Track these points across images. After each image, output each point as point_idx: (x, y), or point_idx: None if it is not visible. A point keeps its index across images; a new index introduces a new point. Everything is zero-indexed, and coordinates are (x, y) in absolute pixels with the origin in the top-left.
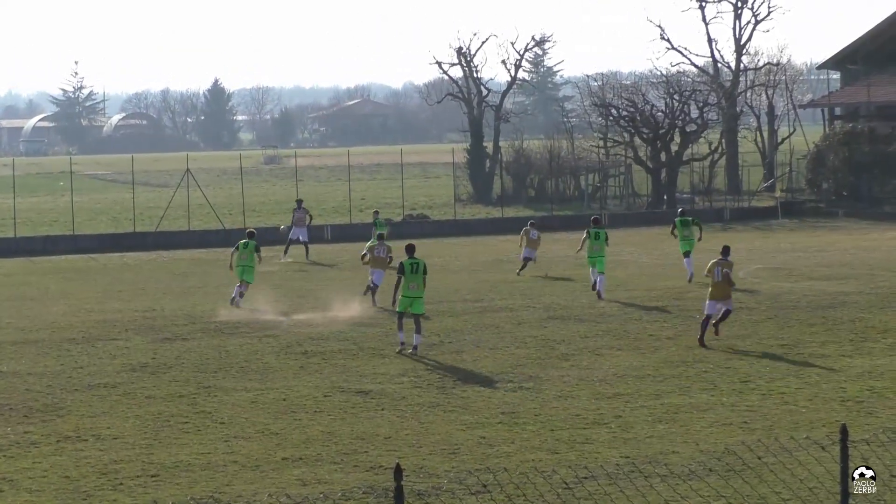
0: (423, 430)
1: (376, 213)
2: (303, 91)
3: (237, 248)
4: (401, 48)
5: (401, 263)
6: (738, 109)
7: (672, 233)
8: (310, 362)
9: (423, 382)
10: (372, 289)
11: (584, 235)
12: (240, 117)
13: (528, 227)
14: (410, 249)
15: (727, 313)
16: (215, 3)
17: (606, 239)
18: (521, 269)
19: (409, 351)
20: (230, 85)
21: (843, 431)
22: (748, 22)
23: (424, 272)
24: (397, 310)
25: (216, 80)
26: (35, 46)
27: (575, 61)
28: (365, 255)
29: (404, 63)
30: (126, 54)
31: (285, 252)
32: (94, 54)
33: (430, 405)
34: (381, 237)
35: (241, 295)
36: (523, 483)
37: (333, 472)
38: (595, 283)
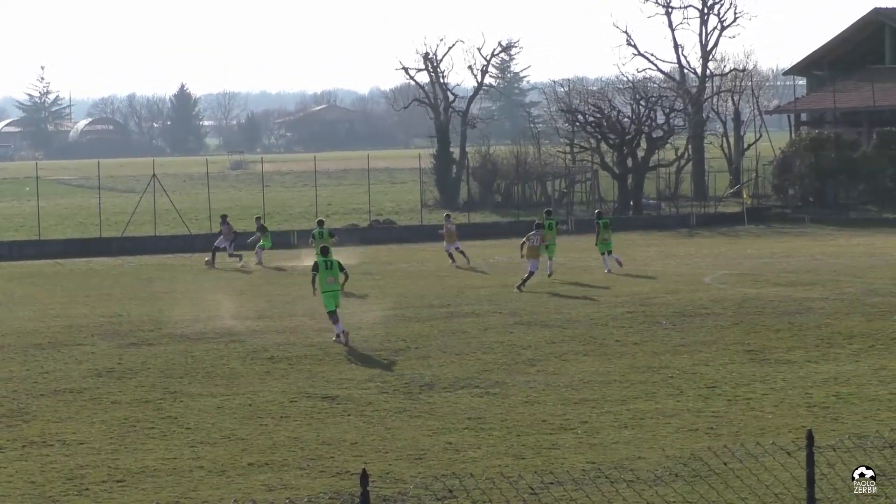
0: (389, 436)
1: (320, 222)
2: (269, 96)
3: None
4: (367, 54)
5: (315, 262)
6: (704, 115)
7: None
8: (276, 367)
9: (390, 388)
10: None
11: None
12: (206, 122)
13: (535, 233)
14: (325, 251)
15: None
16: (182, 9)
17: (556, 227)
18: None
19: (334, 339)
20: (196, 90)
21: (809, 437)
22: (714, 28)
23: (340, 269)
24: (328, 309)
25: (182, 86)
26: (0, 51)
27: (541, 67)
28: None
29: (371, 68)
30: (92, 59)
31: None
32: (61, 59)
33: (397, 411)
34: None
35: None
36: (489, 488)
37: (299, 478)
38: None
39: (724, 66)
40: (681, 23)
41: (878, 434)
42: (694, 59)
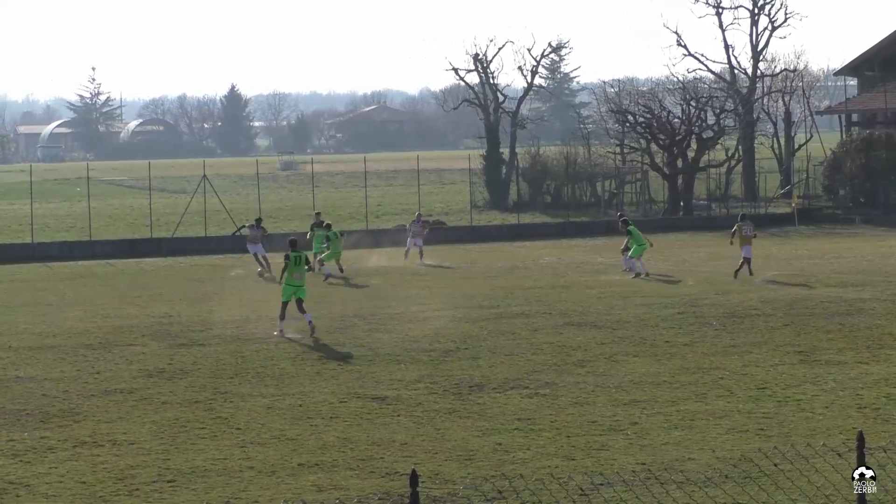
0: (438, 437)
1: (328, 225)
2: (319, 97)
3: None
4: (417, 54)
5: (286, 255)
6: (754, 116)
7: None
8: (325, 368)
9: (439, 388)
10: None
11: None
12: (256, 123)
13: (741, 223)
14: (293, 244)
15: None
16: (232, 9)
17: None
18: (738, 270)
19: (311, 334)
20: (247, 91)
21: (860, 438)
22: (765, 28)
23: (306, 263)
24: (283, 299)
25: (233, 86)
26: (52, 52)
27: (591, 68)
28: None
29: (420, 69)
30: (143, 60)
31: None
32: (112, 60)
33: (446, 411)
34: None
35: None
36: (539, 489)
37: (349, 478)
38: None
39: (775, 67)
40: (731, 23)
41: None
42: (744, 59)
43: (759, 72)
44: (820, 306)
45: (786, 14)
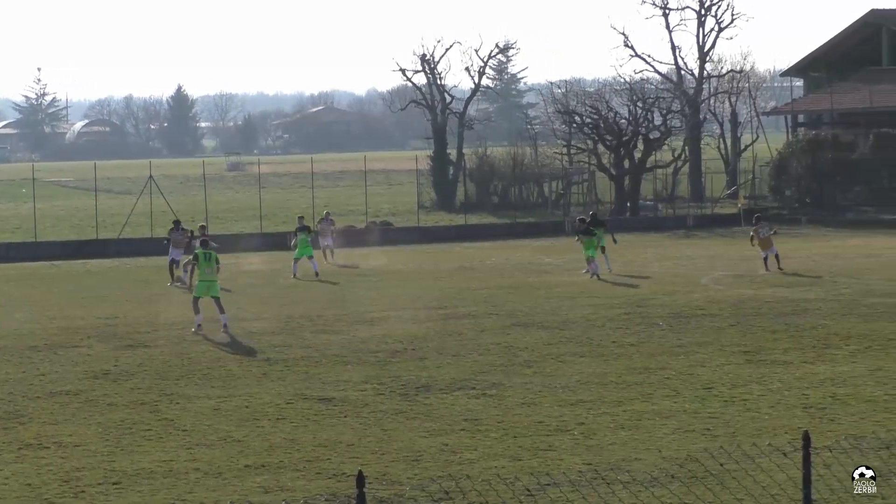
0: (385, 438)
1: (305, 225)
2: (266, 98)
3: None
4: (364, 55)
5: (195, 254)
6: (701, 117)
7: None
8: (272, 369)
9: (386, 389)
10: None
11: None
12: (203, 124)
13: (758, 226)
14: (205, 243)
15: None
16: (179, 10)
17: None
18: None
19: (223, 330)
20: (194, 92)
21: (806, 438)
22: (711, 29)
23: (217, 261)
24: (195, 294)
25: (180, 87)
26: None
27: (539, 69)
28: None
29: (368, 70)
30: (89, 61)
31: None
32: (57, 61)
33: (393, 412)
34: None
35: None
36: (486, 490)
37: (296, 480)
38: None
39: (722, 68)
40: (678, 24)
41: (874, 435)
42: (691, 60)
43: (705, 73)
44: (766, 306)
45: (732, 15)
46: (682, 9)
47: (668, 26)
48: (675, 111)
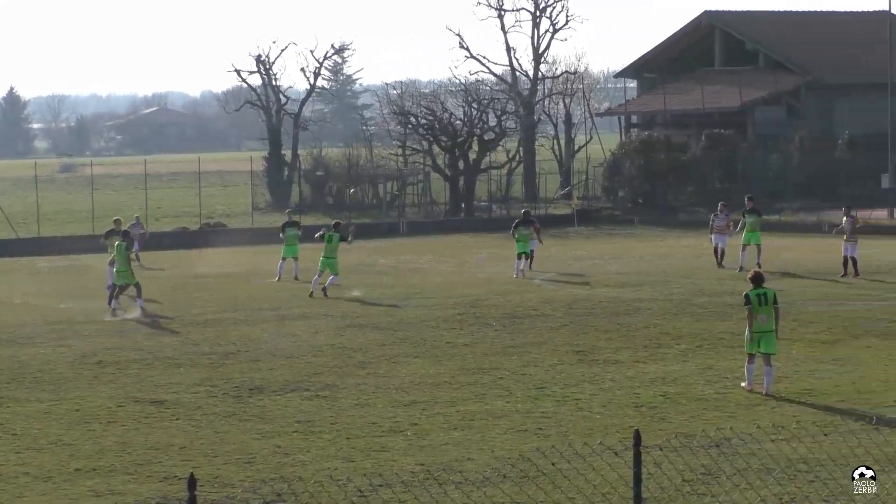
0: (217, 440)
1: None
2: (99, 99)
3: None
4: (198, 56)
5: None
6: (535, 118)
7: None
8: (104, 372)
9: (219, 392)
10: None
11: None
12: (35, 125)
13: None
14: (125, 235)
15: None
16: (10, 10)
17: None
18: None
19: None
20: (25, 93)
21: (637, 437)
22: (546, 31)
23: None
24: (113, 281)
25: (11, 88)
26: None
27: (375, 70)
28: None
29: (202, 71)
30: None
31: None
32: None
33: (226, 414)
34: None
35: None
36: (318, 492)
37: (127, 483)
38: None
39: (556, 69)
40: (513, 25)
41: (704, 433)
42: (526, 61)
43: (540, 74)
44: (598, 306)
45: (567, 17)
46: (517, 10)
47: (503, 28)
48: (509, 112)
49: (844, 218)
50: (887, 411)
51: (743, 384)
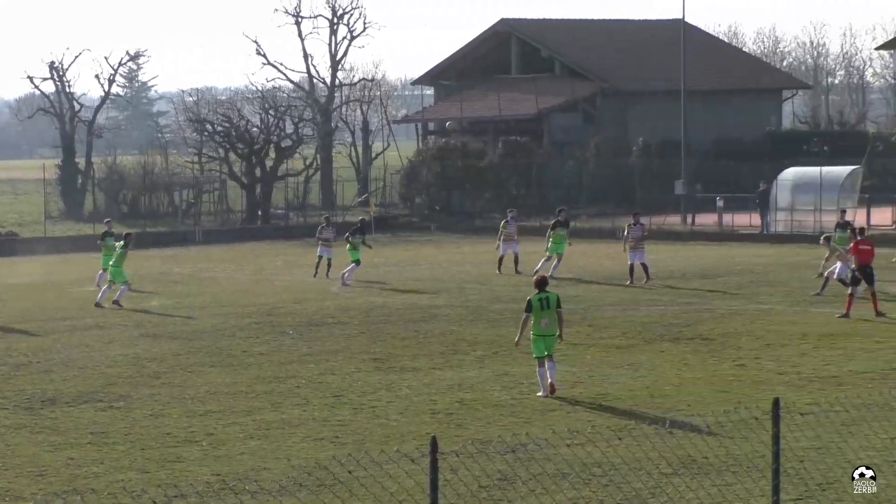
0: (9, 453)
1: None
2: None
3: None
4: None
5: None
6: (333, 125)
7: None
8: None
9: (10, 404)
10: None
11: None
12: None
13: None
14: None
15: None
16: None
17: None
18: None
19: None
20: None
21: (433, 444)
22: (344, 38)
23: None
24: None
25: None
26: None
27: (171, 76)
28: None
29: None
30: None
31: None
32: None
33: (17, 427)
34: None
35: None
36: None
37: None
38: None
39: (354, 76)
40: (311, 32)
41: (500, 439)
42: (324, 68)
43: (337, 81)
44: (396, 313)
45: (364, 24)
46: (315, 17)
47: (300, 34)
48: (306, 119)
49: (631, 225)
50: (680, 415)
51: (539, 394)
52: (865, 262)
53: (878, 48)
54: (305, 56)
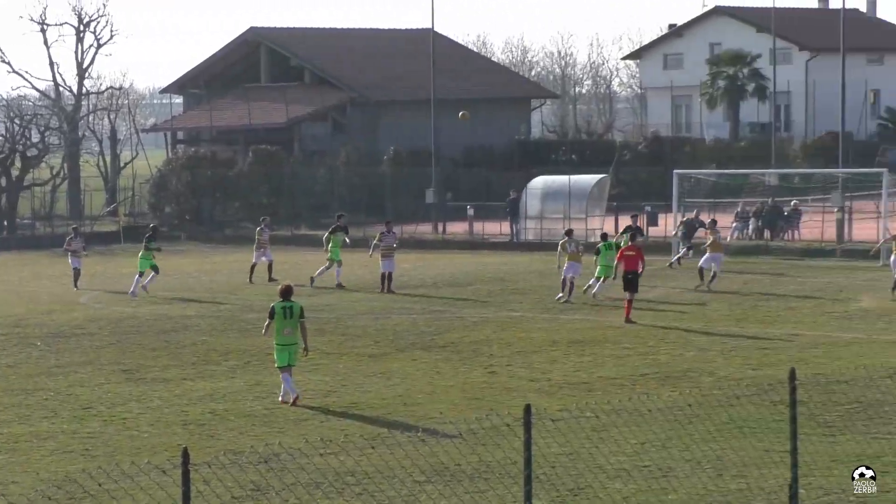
0: None
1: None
2: None
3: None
4: None
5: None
6: (80, 134)
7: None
8: None
9: None
10: None
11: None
12: None
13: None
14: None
15: None
16: None
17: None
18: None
19: None
20: None
21: (185, 455)
22: (90, 45)
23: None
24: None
25: None
26: None
27: None
28: None
29: None
30: None
31: None
32: None
33: None
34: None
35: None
36: None
37: None
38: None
39: (101, 85)
40: (56, 40)
41: (253, 449)
42: (70, 76)
43: (84, 89)
44: (146, 324)
45: (112, 32)
46: (61, 24)
47: (45, 42)
48: (53, 128)
49: (384, 233)
50: (432, 422)
51: (279, 398)
52: (630, 269)
53: (624, 58)
54: (51, 64)
